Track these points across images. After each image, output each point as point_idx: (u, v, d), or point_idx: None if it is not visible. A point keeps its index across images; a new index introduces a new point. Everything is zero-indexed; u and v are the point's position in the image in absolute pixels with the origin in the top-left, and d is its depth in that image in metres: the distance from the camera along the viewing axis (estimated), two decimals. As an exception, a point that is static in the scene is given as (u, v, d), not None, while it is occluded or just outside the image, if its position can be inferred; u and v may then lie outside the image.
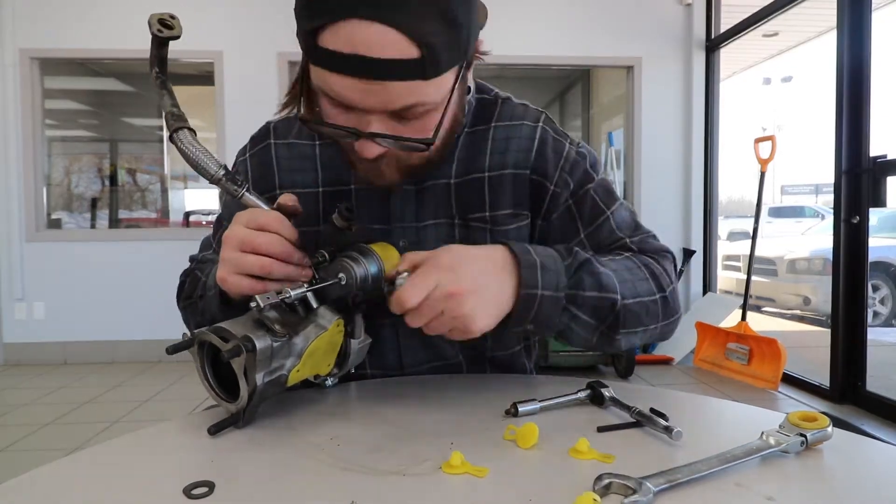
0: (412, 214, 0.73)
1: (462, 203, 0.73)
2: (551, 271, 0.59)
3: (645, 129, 4.12)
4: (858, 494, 0.43)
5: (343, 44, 0.53)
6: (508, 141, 0.74)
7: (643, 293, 0.65)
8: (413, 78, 0.54)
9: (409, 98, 0.56)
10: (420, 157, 0.63)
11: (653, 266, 0.68)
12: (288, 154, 0.78)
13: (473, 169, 0.73)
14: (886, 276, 5.27)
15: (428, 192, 0.73)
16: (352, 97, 0.56)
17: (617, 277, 0.63)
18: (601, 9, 4.05)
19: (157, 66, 0.59)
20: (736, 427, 0.59)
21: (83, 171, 5.97)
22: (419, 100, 0.56)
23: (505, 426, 0.55)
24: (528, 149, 0.73)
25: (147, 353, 3.89)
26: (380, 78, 0.53)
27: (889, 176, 2.65)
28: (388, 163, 0.63)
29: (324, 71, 0.55)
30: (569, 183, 0.73)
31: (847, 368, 2.83)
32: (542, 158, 0.73)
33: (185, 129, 0.58)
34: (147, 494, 0.44)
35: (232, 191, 0.59)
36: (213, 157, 0.58)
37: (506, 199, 0.73)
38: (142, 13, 3.38)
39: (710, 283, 4.17)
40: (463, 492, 0.43)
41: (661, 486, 0.42)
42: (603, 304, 0.62)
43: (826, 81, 3.10)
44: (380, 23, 0.52)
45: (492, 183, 0.73)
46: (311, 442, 0.53)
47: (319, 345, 0.58)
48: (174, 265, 4.11)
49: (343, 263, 0.59)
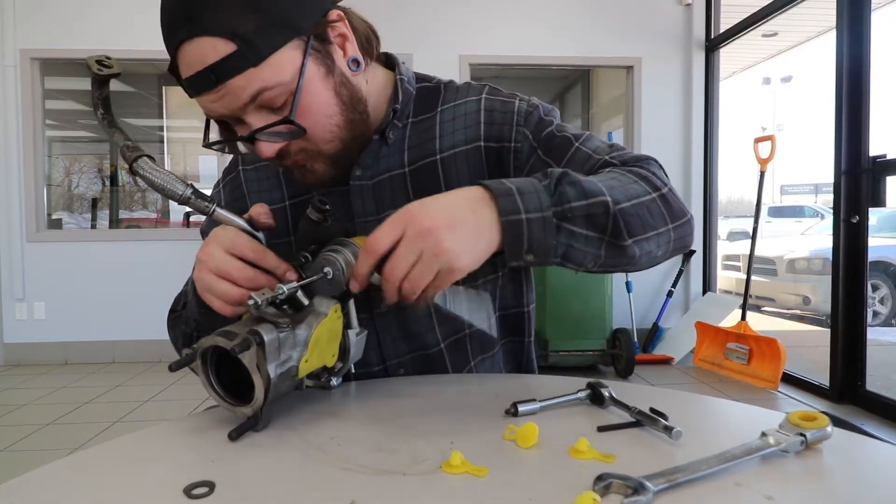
0: (372, 208, 0.75)
1: (418, 189, 0.74)
2: (530, 193, 0.55)
3: (645, 129, 4.12)
4: (858, 494, 0.43)
5: (185, 68, 0.59)
6: (455, 120, 0.76)
7: (637, 194, 0.60)
8: (242, 70, 0.58)
9: (251, 87, 0.59)
10: (325, 140, 0.66)
11: (638, 170, 0.64)
12: (256, 176, 0.82)
13: (425, 154, 0.75)
14: (886, 276, 5.27)
15: (383, 184, 0.75)
16: (216, 108, 0.61)
17: (603, 185, 0.58)
18: (601, 9, 4.05)
19: (102, 107, 0.60)
20: (736, 427, 0.59)
21: (83, 171, 5.97)
22: (260, 85, 0.59)
23: (505, 426, 0.55)
24: (477, 122, 0.75)
25: (147, 353, 3.90)
26: (219, 82, 0.58)
27: (888, 176, 2.65)
28: (302, 157, 0.67)
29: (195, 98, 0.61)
30: (527, 135, 0.73)
31: (847, 368, 2.83)
32: (492, 124, 0.74)
33: (144, 157, 0.58)
34: (147, 494, 0.44)
35: (202, 208, 0.60)
36: (177, 178, 0.59)
37: (462, 177, 0.74)
38: (142, 13, 3.38)
39: (710, 282, 4.17)
40: (463, 492, 0.43)
41: (661, 485, 0.42)
42: (596, 211, 0.56)
43: (826, 81, 3.10)
44: (197, 37, 0.57)
45: (445, 164, 0.74)
46: (311, 442, 0.53)
47: (322, 332, 0.58)
48: (174, 265, 4.11)
49: (326, 258, 0.60)
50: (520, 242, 0.54)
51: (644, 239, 0.59)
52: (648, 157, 0.69)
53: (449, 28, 3.97)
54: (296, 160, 0.66)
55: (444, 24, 3.96)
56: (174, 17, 0.58)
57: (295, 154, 0.66)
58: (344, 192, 0.75)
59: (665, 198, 0.63)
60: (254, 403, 0.54)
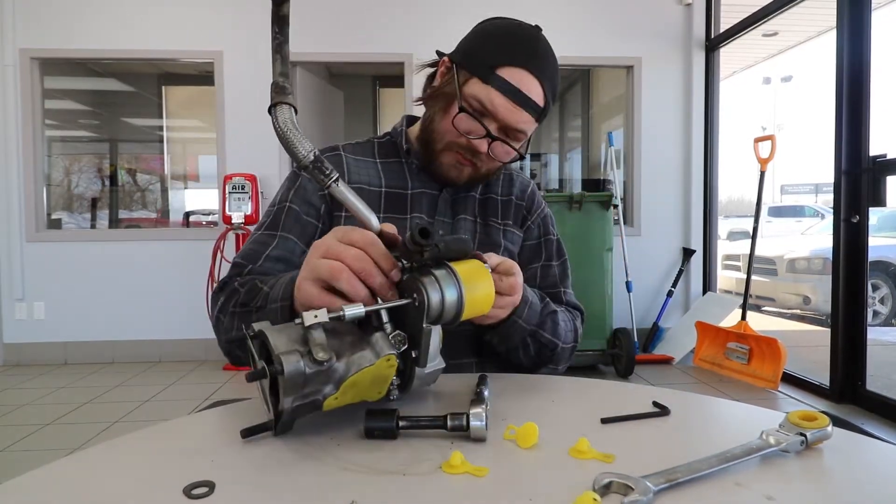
0: (449, 213, 0.95)
1: (482, 211, 0.98)
2: (533, 311, 0.81)
3: (645, 128, 4.12)
4: (858, 494, 0.43)
5: (516, 80, 0.81)
6: (512, 182, 1.03)
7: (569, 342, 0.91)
8: (538, 118, 0.85)
9: (527, 127, 0.85)
10: (490, 169, 0.91)
11: (577, 322, 0.96)
12: (355, 163, 0.95)
13: (490, 192, 1.00)
14: (886, 276, 5.27)
15: (460, 200, 0.97)
16: (503, 114, 0.82)
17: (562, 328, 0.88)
18: (601, 9, 4.05)
19: (277, 26, 0.56)
20: (736, 426, 0.59)
21: (83, 171, 5.97)
22: (528, 129, 0.85)
23: (505, 426, 0.55)
24: (524, 190, 1.03)
25: (147, 353, 3.90)
26: (525, 109, 0.82)
27: (888, 175, 2.65)
28: (475, 163, 0.88)
29: (492, 90, 0.81)
30: (539, 226, 1.03)
31: (847, 368, 2.83)
32: (532, 201, 1.03)
33: (286, 106, 0.55)
34: (147, 494, 0.44)
35: (320, 179, 0.56)
36: (305, 140, 0.55)
37: (509, 215, 1.00)
38: (142, 13, 3.38)
39: (710, 282, 4.17)
40: (463, 492, 0.43)
41: (661, 485, 0.42)
42: (549, 345, 0.85)
43: (826, 81, 3.10)
44: (534, 77, 0.82)
45: (502, 202, 1.00)
46: (311, 442, 0.53)
47: (363, 378, 0.52)
48: (174, 265, 4.11)
49: (419, 282, 0.54)
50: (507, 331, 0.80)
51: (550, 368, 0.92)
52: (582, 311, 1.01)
53: (449, 28, 3.97)
54: (475, 162, 0.88)
55: (444, 23, 3.96)
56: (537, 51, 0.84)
57: (484, 161, 0.88)
58: (434, 196, 0.95)
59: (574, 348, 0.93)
60: (269, 413, 0.53)
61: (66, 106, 5.76)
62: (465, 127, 0.84)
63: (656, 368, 3.61)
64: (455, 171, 0.89)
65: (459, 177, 0.90)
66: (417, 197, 0.93)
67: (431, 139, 0.89)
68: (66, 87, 5.55)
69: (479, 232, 0.96)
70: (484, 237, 0.96)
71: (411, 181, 0.94)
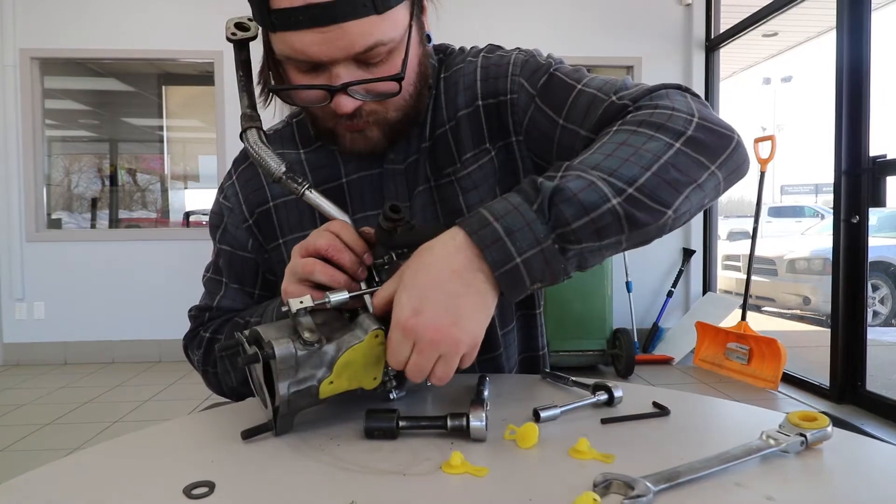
0: (404, 191, 0.74)
1: (434, 164, 0.73)
2: (520, 230, 0.49)
3: (645, 128, 4.12)
4: (858, 494, 0.43)
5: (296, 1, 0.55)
6: (456, 85, 0.73)
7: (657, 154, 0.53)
8: (366, 14, 0.55)
9: (369, 38, 0.57)
10: (397, 108, 0.65)
11: (651, 119, 0.56)
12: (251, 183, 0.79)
13: (437, 125, 0.74)
14: (886, 276, 5.27)
15: (411, 167, 0.74)
16: (316, 51, 0.57)
17: (605, 169, 0.51)
18: (601, 9, 4.05)
19: (241, 69, 0.65)
20: (736, 427, 0.59)
21: (83, 171, 5.97)
22: (378, 38, 0.57)
23: (505, 426, 0.55)
24: (473, 82, 0.72)
25: (147, 353, 3.90)
26: (335, 21, 0.55)
27: (888, 176, 2.65)
28: (367, 121, 0.65)
29: (284, 33, 0.57)
30: (522, 83, 0.69)
31: (847, 368, 2.83)
32: (488, 80, 0.71)
33: (254, 129, 0.63)
34: (147, 494, 0.44)
35: (293, 188, 0.61)
36: (275, 156, 0.62)
37: (467, 142, 0.72)
38: (142, 13, 3.38)
39: (710, 282, 4.17)
40: (463, 492, 0.43)
41: (661, 485, 0.42)
42: (603, 223, 0.50)
43: (826, 81, 3.09)
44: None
45: (453, 132, 0.73)
46: (311, 442, 0.53)
47: (354, 357, 0.53)
48: (174, 265, 4.11)
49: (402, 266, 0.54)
50: (520, 284, 0.51)
51: (679, 202, 0.53)
52: (661, 90, 0.62)
53: (449, 28, 3.97)
54: (358, 123, 0.65)
55: (444, 23, 3.96)
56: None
57: (365, 115, 0.64)
58: (377, 176, 0.74)
59: (694, 139, 0.54)
60: (268, 410, 0.54)
61: (66, 106, 5.75)
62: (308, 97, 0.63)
63: (656, 369, 3.60)
64: (364, 142, 0.67)
65: (375, 144, 0.68)
66: (357, 187, 0.74)
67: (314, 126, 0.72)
68: (66, 87, 5.55)
69: (436, 199, 0.73)
70: (442, 205, 0.73)
71: (344, 165, 0.74)
